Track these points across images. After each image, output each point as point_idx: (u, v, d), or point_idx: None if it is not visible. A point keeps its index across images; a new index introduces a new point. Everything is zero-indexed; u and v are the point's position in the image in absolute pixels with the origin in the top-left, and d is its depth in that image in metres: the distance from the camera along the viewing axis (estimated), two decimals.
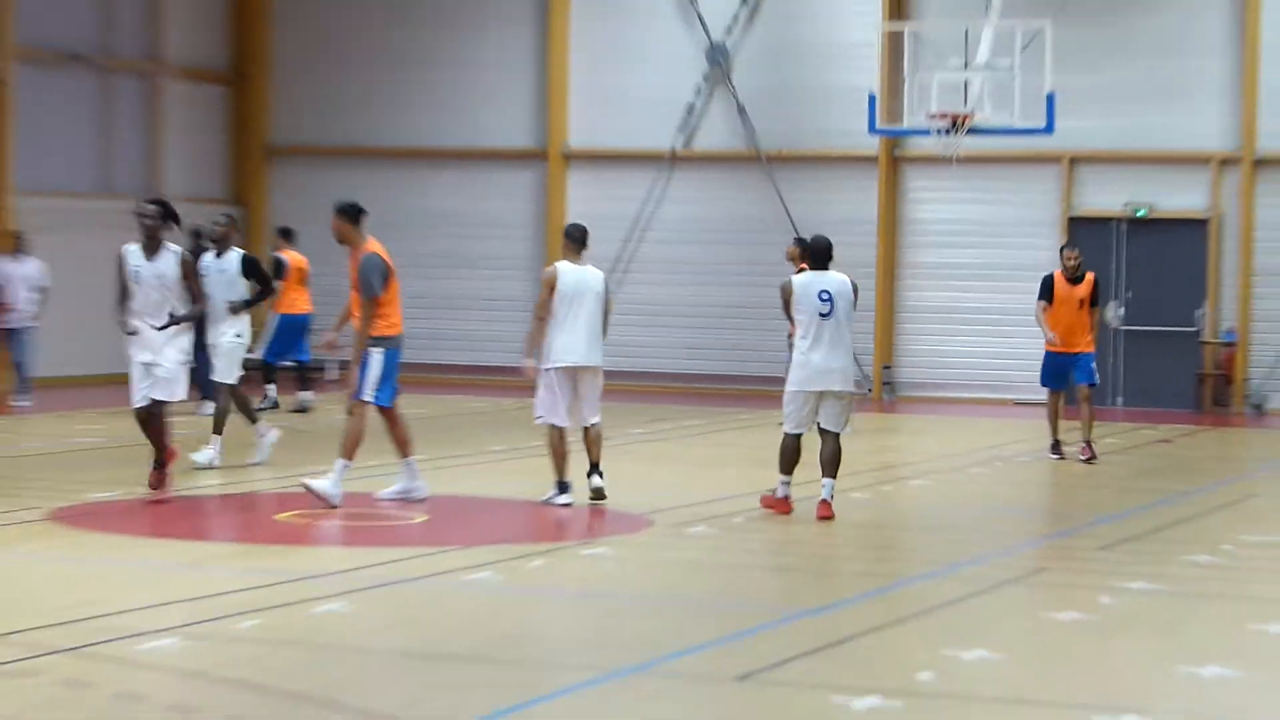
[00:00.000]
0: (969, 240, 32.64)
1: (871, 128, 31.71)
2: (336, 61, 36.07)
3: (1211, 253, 30.97)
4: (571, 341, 18.16)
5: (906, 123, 31.03)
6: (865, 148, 32.93)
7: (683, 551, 16.09)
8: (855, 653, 11.93)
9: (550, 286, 17.86)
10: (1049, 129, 29.74)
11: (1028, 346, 28.72)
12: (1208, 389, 31.50)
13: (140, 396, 17.48)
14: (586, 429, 18.78)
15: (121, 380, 18.08)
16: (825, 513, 17.09)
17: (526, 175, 35.14)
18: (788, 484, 17.45)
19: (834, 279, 17.53)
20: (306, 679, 10.78)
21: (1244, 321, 31.22)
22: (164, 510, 17.99)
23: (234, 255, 21.78)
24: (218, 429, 20.87)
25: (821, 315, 17.29)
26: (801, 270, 19.09)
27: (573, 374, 18.35)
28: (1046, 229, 32.34)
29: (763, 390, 32.65)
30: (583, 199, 34.73)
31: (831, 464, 17.38)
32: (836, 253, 32.86)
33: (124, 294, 17.73)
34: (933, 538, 16.23)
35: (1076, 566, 15.53)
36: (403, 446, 18.37)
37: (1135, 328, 31.78)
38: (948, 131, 29.88)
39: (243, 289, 21.75)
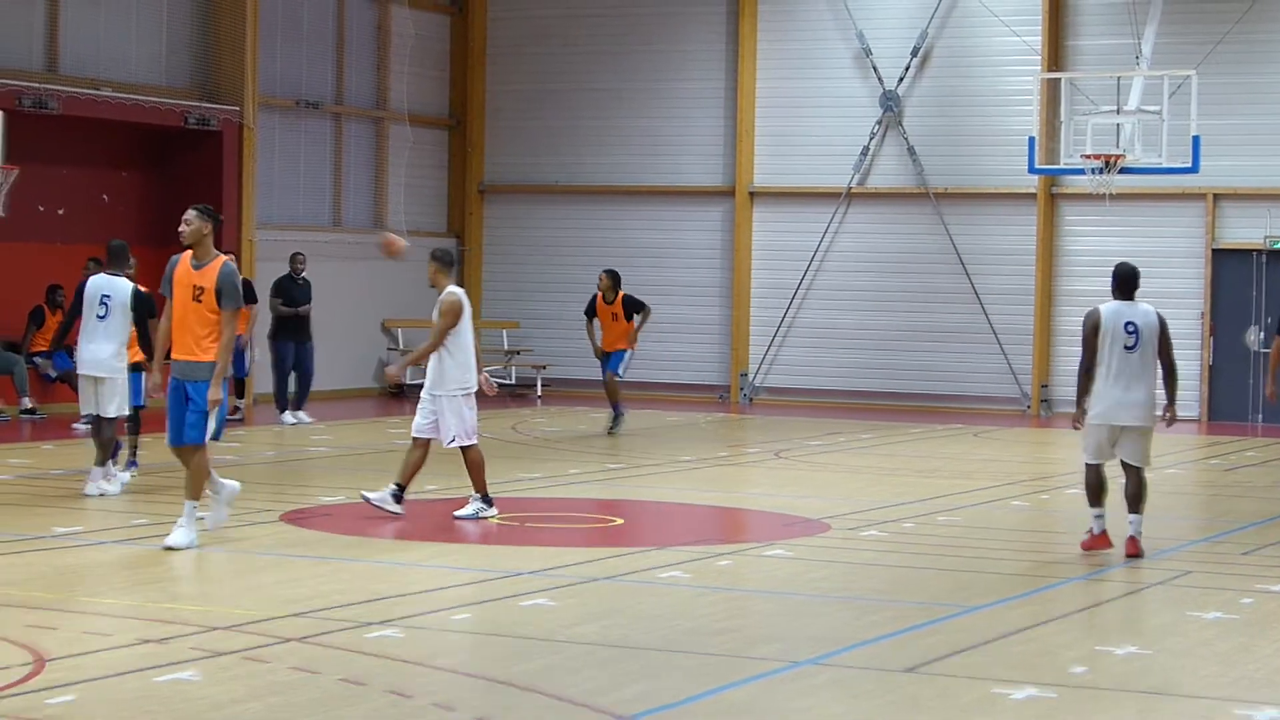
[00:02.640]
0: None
1: (1031, 168, 31.58)
2: (544, 107, 36.23)
3: None
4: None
5: (1063, 163, 30.84)
6: (1025, 185, 32.76)
7: (856, 553, 16.11)
8: (1014, 647, 11.94)
9: (456, 315, 17.14)
10: (1195, 168, 29.51)
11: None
12: None
13: None
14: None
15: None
16: (1133, 550, 15.18)
17: (716, 211, 35.14)
18: (1100, 516, 15.44)
19: (1140, 310, 15.51)
20: (512, 667, 10.92)
21: None
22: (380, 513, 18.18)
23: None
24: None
25: (1126, 348, 15.30)
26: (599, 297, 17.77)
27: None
28: (1192, 261, 32.06)
29: (930, 407, 32.61)
30: (766, 232, 34.80)
31: (1135, 499, 15.35)
32: (1000, 282, 33.07)
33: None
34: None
35: (1220, 569, 15.40)
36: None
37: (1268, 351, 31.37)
38: (1101, 171, 29.77)
39: None
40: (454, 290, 17.28)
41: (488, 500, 17.26)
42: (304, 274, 28.07)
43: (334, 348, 27.11)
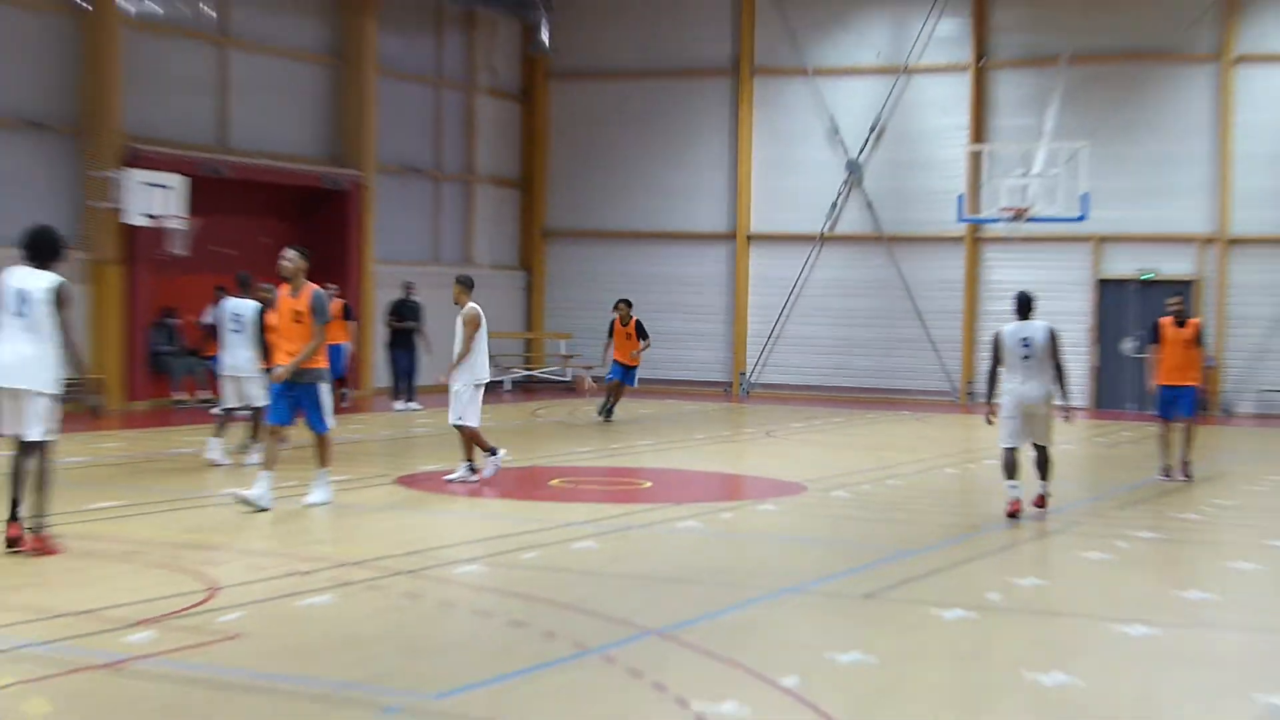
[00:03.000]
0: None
1: (959, 217, 31.79)
2: (590, 171, 36.20)
3: (1195, 304, 30.37)
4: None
5: (984, 214, 30.92)
6: (955, 231, 32.73)
7: (827, 508, 16.11)
8: (945, 580, 12.02)
9: (476, 324, 17.09)
10: (1084, 218, 29.60)
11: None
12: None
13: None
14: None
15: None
16: (1039, 503, 15.15)
17: (722, 249, 35.07)
18: (1015, 487, 14.88)
19: (1034, 326, 14.91)
20: (567, 593, 10.98)
21: (1220, 352, 30.63)
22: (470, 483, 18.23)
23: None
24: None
25: (1023, 357, 14.81)
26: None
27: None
28: (1082, 288, 31.98)
29: (883, 398, 32.59)
30: (759, 266, 34.77)
31: (1043, 468, 15.22)
32: (936, 303, 32.96)
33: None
34: (999, 501, 16.08)
35: (1102, 521, 15.40)
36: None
37: (1142, 357, 31.33)
38: (1012, 220, 29.87)
39: None
40: (473, 306, 17.26)
41: (472, 469, 17.03)
42: (414, 297, 28.21)
43: (436, 351, 27.14)
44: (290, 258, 15.11)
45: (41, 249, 12.12)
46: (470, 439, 17.14)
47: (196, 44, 28.92)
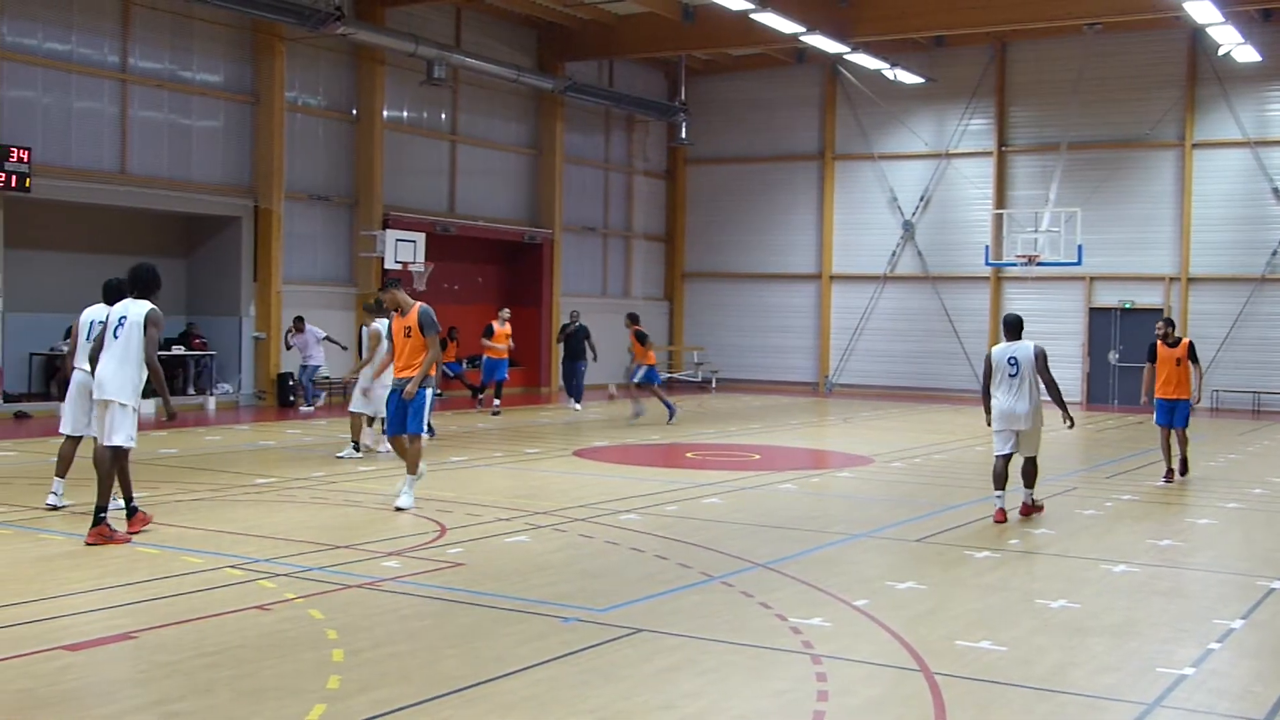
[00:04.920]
0: (1039, 320, 31.71)
1: (986, 262, 31.25)
2: (716, 228, 36.06)
3: (1183, 326, 29.57)
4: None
5: (1005, 259, 30.43)
6: (983, 272, 32.20)
7: (890, 475, 15.91)
8: (977, 529, 11.78)
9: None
10: (1079, 263, 29.13)
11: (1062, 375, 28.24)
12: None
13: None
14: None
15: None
16: (1024, 512, 12.49)
17: (811, 286, 34.79)
18: (1000, 497, 12.30)
19: (1021, 347, 12.29)
20: (697, 536, 10.92)
21: None
22: (632, 450, 18.25)
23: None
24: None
25: (1010, 375, 12.22)
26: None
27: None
28: (1078, 315, 31.37)
29: (930, 395, 32.14)
30: (839, 298, 34.40)
31: (1029, 477, 12.47)
32: (969, 326, 32.31)
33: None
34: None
35: (1094, 487, 15.05)
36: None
37: (1126, 364, 30.67)
38: (1025, 264, 29.47)
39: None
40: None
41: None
42: (579, 322, 27.23)
43: (604, 360, 27.22)
44: (385, 297, 12.62)
45: (139, 283, 10.40)
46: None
47: (434, 141, 29.24)
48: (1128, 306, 31.00)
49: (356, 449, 16.32)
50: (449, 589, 8.56)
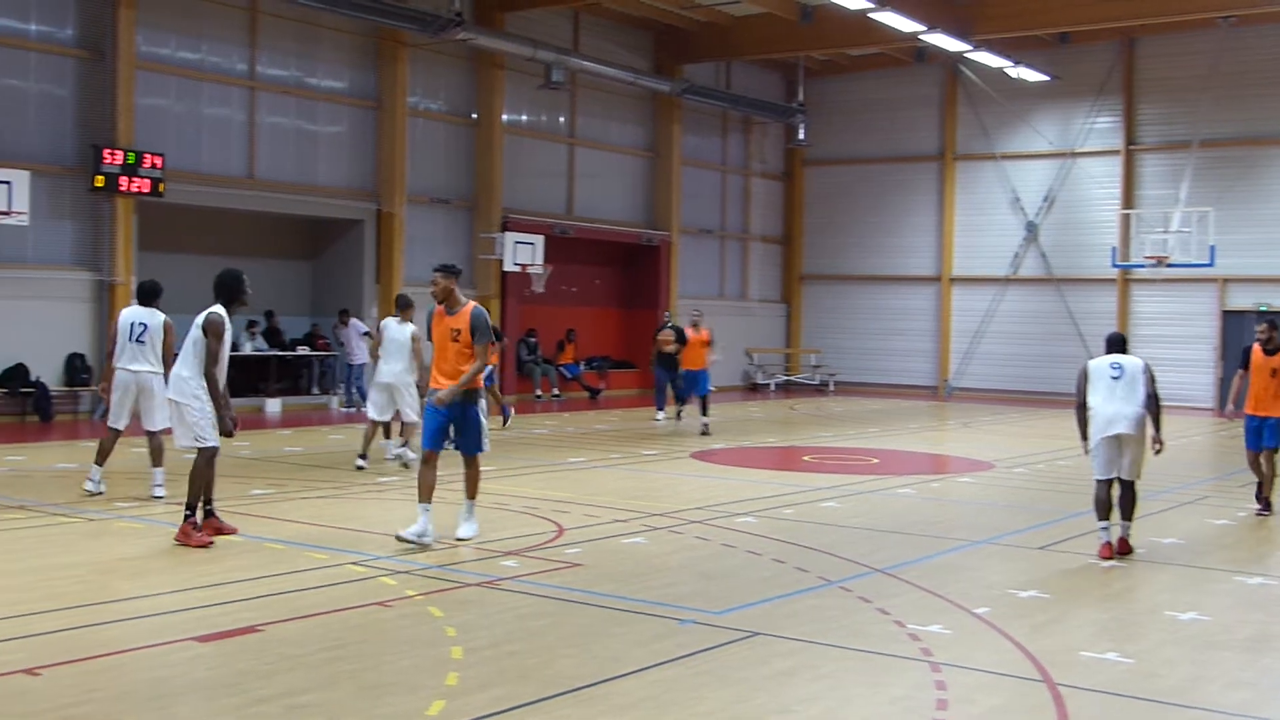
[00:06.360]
0: (1169, 323, 30.99)
1: (1113, 264, 30.64)
2: (834, 231, 35.79)
3: None
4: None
5: (1133, 260, 29.78)
6: (1110, 274, 31.46)
7: (1010, 481, 15.67)
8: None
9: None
10: (1211, 264, 28.44)
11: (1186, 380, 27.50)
12: None
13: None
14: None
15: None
16: (1123, 549, 10.54)
17: (931, 289, 34.39)
18: (1106, 529, 10.56)
19: (1126, 358, 10.85)
20: (815, 540, 10.86)
21: None
22: (749, 453, 18.18)
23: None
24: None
25: (1113, 378, 10.62)
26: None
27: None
28: (1210, 317, 30.53)
29: (1052, 400, 31.55)
30: (960, 301, 33.93)
31: (1128, 508, 10.66)
32: (1094, 330, 31.72)
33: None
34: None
35: (1226, 495, 14.65)
36: None
37: None
38: (1155, 265, 28.84)
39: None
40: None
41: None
42: (671, 323, 25.56)
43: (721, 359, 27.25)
44: (437, 280, 10.40)
45: (219, 287, 10.19)
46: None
47: (553, 144, 29.50)
48: (1264, 309, 30.08)
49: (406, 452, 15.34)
50: (566, 589, 8.62)
